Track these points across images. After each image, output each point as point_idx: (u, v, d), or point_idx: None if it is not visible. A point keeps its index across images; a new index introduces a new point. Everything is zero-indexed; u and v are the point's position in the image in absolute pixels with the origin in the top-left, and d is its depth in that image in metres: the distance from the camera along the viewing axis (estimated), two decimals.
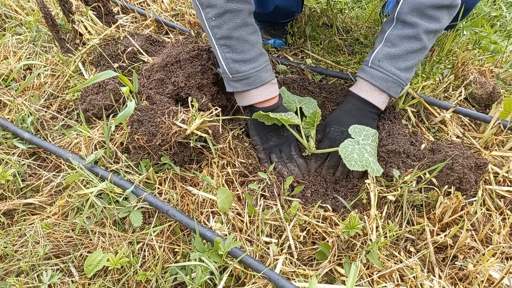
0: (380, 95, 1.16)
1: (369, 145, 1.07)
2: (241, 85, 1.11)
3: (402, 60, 1.12)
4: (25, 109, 1.27)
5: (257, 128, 1.20)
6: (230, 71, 1.10)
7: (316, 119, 1.11)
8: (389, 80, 1.13)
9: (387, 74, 1.12)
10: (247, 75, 1.09)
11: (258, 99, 1.13)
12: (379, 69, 1.13)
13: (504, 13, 2.10)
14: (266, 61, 1.14)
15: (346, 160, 1.01)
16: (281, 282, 0.82)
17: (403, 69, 1.12)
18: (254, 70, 1.09)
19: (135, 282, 0.90)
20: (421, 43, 1.10)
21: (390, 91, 1.14)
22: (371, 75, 1.15)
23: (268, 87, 1.14)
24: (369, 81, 1.15)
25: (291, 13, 1.58)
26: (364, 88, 1.17)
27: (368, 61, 1.17)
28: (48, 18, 1.41)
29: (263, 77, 1.11)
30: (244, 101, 1.16)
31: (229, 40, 1.06)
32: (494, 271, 0.92)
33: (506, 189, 1.12)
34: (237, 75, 1.10)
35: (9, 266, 0.92)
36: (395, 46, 1.11)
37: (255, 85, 1.11)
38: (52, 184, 1.09)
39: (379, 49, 1.14)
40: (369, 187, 1.02)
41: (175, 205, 1.02)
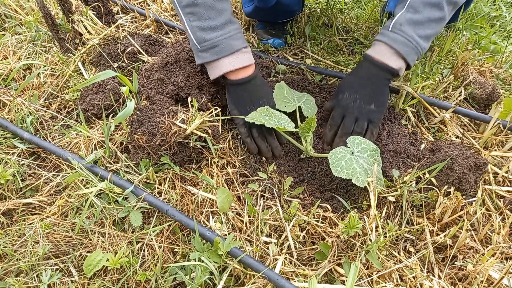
0: (398, 60, 1.13)
1: (363, 158, 1.06)
2: (209, 54, 1.07)
3: (423, 27, 1.10)
4: (24, 109, 1.27)
5: (235, 101, 1.15)
6: (197, 40, 1.06)
7: (312, 126, 1.09)
8: (409, 45, 1.10)
9: (408, 38, 1.10)
10: (215, 43, 1.05)
11: (229, 68, 1.08)
12: (401, 33, 1.11)
13: (503, 13, 2.10)
14: (236, 29, 1.09)
15: (333, 166, 1.01)
16: (281, 282, 0.82)
17: (423, 36, 1.11)
18: (221, 38, 1.05)
19: (135, 282, 0.90)
20: (442, 12, 1.09)
21: (408, 58, 1.12)
22: (392, 38, 1.12)
23: (239, 55, 1.09)
24: (389, 45, 1.12)
25: (292, 11, 1.58)
26: (383, 51, 1.14)
27: (388, 26, 1.14)
28: (48, 18, 1.40)
29: (232, 44, 1.07)
30: (215, 71, 1.11)
31: (194, 7, 1.03)
32: (494, 271, 0.92)
33: (506, 189, 1.12)
34: (205, 43, 1.06)
35: (8, 266, 0.92)
36: (417, 13, 1.10)
37: (224, 53, 1.07)
38: (51, 184, 1.09)
39: (401, 14, 1.12)
40: (369, 187, 1.02)
41: (174, 205, 1.02)
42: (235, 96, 1.15)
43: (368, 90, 1.15)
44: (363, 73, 1.18)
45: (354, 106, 1.15)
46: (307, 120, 1.09)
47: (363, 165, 1.04)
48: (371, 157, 1.08)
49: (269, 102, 1.18)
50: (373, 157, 1.09)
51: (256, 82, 1.15)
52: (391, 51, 1.13)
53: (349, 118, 1.16)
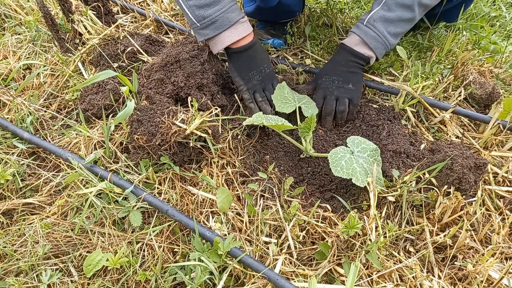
0: (368, 52, 1.25)
1: (363, 158, 1.07)
2: (210, 30, 1.13)
3: (393, 25, 1.22)
4: (24, 108, 1.27)
5: (238, 68, 1.22)
6: (196, 19, 1.12)
7: (312, 125, 1.10)
8: (379, 40, 1.23)
9: (378, 34, 1.22)
10: (213, 18, 1.12)
11: (230, 41, 1.16)
12: (373, 28, 1.22)
13: (503, 13, 2.10)
14: (231, 1, 1.14)
15: (333, 166, 1.01)
16: (281, 282, 0.82)
17: (392, 33, 1.23)
18: (219, 13, 1.11)
19: (135, 282, 0.90)
20: (413, 13, 1.21)
21: (376, 51, 1.25)
22: (364, 32, 1.24)
23: (238, 26, 1.16)
24: (361, 37, 1.24)
25: (292, 12, 1.58)
26: (356, 42, 1.26)
27: (363, 20, 1.25)
28: (47, 18, 1.40)
29: (230, 17, 1.13)
30: (218, 46, 1.18)
31: None
32: (494, 271, 0.92)
33: (506, 189, 1.12)
34: (204, 21, 1.12)
35: (8, 266, 0.92)
36: (391, 11, 1.21)
37: (223, 28, 1.13)
38: (51, 184, 1.09)
39: (376, 10, 1.23)
40: (368, 187, 1.02)
41: (174, 205, 1.02)
42: (237, 63, 1.22)
43: (344, 72, 1.27)
44: (339, 58, 1.30)
45: (333, 86, 1.27)
46: (306, 120, 1.09)
47: (363, 165, 1.04)
48: (371, 157, 1.08)
49: (269, 67, 1.27)
50: (373, 157, 1.09)
51: (256, 48, 1.22)
52: (362, 43, 1.25)
53: (330, 97, 1.28)
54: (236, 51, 1.19)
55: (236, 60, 1.21)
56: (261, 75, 1.24)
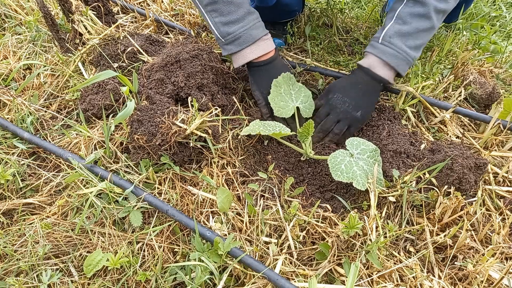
0: (390, 71, 1.18)
1: (363, 160, 1.06)
2: (234, 46, 1.17)
3: (412, 38, 1.14)
4: (24, 109, 1.27)
5: (257, 82, 1.23)
6: (221, 35, 1.16)
7: (311, 130, 1.09)
8: (399, 57, 1.15)
9: (397, 51, 1.14)
10: (237, 35, 1.14)
11: (252, 57, 1.18)
12: (390, 45, 1.15)
13: (504, 13, 2.10)
14: (255, 19, 1.17)
15: (333, 170, 1.01)
16: (281, 282, 0.82)
17: (412, 47, 1.15)
18: (243, 29, 1.14)
19: (135, 282, 0.90)
20: (431, 22, 1.12)
21: (399, 68, 1.16)
22: (381, 51, 1.17)
23: (261, 43, 1.18)
24: (379, 57, 1.17)
25: (292, 11, 1.58)
26: (374, 63, 1.19)
27: (378, 38, 1.19)
28: (48, 18, 1.40)
29: (253, 34, 1.16)
30: (240, 60, 1.20)
31: (215, 4, 1.12)
32: (494, 271, 0.92)
33: (506, 189, 1.12)
34: (228, 37, 1.15)
35: (8, 266, 0.92)
36: (406, 24, 1.14)
37: (246, 44, 1.16)
38: (51, 184, 1.09)
39: (390, 26, 1.16)
40: (369, 187, 1.02)
41: (174, 205, 1.02)
42: (257, 77, 1.23)
43: (358, 96, 1.20)
44: (355, 79, 1.23)
45: (341, 108, 1.20)
46: (305, 125, 1.08)
47: (363, 167, 1.04)
48: (371, 158, 1.08)
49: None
50: (373, 157, 1.08)
51: (276, 63, 1.23)
52: (382, 63, 1.18)
53: (332, 117, 1.21)
54: (256, 65, 1.21)
55: (256, 74, 1.23)
56: None
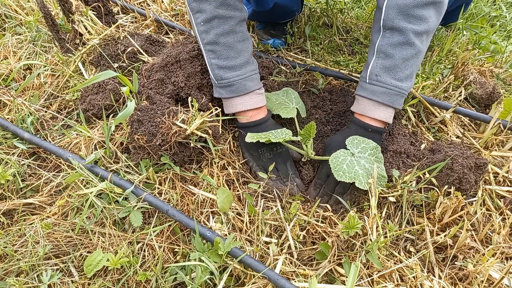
0: (386, 110, 1.10)
1: (364, 158, 1.05)
2: (225, 91, 1.12)
3: (400, 69, 1.05)
4: (25, 109, 1.27)
5: (246, 145, 1.15)
6: (215, 77, 1.11)
7: (312, 132, 1.08)
8: (391, 93, 1.07)
9: (388, 88, 1.06)
10: (231, 82, 1.10)
11: (242, 108, 1.12)
12: (379, 84, 1.07)
13: (504, 13, 2.10)
14: (252, 70, 1.13)
15: (335, 171, 1.00)
16: (281, 282, 0.82)
17: (403, 78, 1.06)
18: (238, 78, 1.09)
19: (135, 282, 0.90)
20: (415, 47, 1.03)
21: (395, 104, 1.08)
22: (371, 92, 1.09)
23: (253, 96, 1.13)
24: (371, 99, 1.09)
25: (291, 12, 1.58)
26: (367, 107, 1.11)
27: (365, 77, 1.11)
28: (48, 18, 1.40)
29: (247, 85, 1.11)
30: (229, 108, 1.15)
31: (215, 45, 1.07)
32: (494, 271, 0.92)
33: (506, 189, 1.12)
34: (222, 81, 1.10)
35: (9, 266, 0.92)
36: (389, 57, 1.05)
37: (238, 93, 1.11)
38: (52, 184, 1.09)
39: (373, 62, 1.09)
40: (369, 188, 1.02)
41: (175, 205, 1.02)
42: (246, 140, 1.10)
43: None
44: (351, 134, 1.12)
45: None
46: (306, 127, 1.08)
47: (365, 166, 1.03)
48: (372, 156, 1.07)
49: (282, 147, 1.15)
50: (374, 155, 1.08)
51: (268, 124, 1.15)
52: (376, 104, 1.10)
53: (334, 179, 1.07)
54: (245, 126, 1.14)
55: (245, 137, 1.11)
56: (271, 153, 1.14)
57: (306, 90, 1.43)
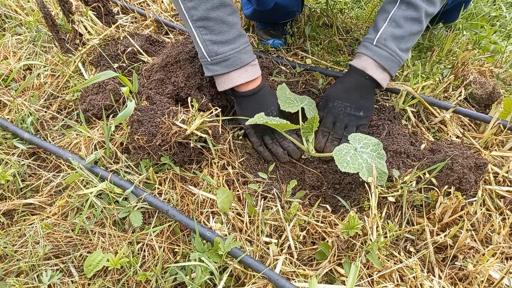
0: (383, 73, 1.19)
1: (366, 153, 1.06)
2: (221, 67, 1.10)
3: (405, 41, 1.16)
4: (25, 109, 1.27)
5: (244, 111, 1.19)
6: (208, 53, 1.09)
7: (315, 125, 1.11)
8: (393, 60, 1.17)
9: (391, 54, 1.16)
10: (226, 56, 1.09)
11: (239, 81, 1.13)
12: (385, 48, 1.16)
13: (504, 13, 2.10)
14: (245, 42, 1.13)
15: (339, 162, 1.01)
16: (281, 282, 0.82)
17: (404, 50, 1.18)
18: (233, 52, 1.09)
19: (135, 282, 0.90)
20: (421, 25, 1.16)
21: (392, 71, 1.19)
22: (377, 54, 1.17)
23: (249, 68, 1.14)
24: (374, 60, 1.17)
25: (291, 12, 1.58)
26: (369, 65, 1.19)
27: (372, 39, 1.19)
28: (48, 18, 1.41)
29: (242, 58, 1.11)
30: (225, 84, 1.14)
31: (206, 21, 1.05)
32: (494, 271, 0.92)
33: (506, 189, 1.12)
34: (216, 57, 1.09)
35: (9, 266, 0.92)
36: (400, 27, 1.15)
37: (235, 67, 1.10)
38: (52, 184, 1.09)
39: (384, 28, 1.17)
40: (368, 187, 1.02)
41: (175, 205, 1.02)
42: (244, 106, 1.19)
43: (357, 98, 1.21)
44: (351, 83, 1.23)
45: (345, 114, 1.22)
46: (309, 120, 1.09)
47: (367, 160, 1.04)
48: (374, 152, 1.08)
49: (276, 111, 1.21)
50: (376, 151, 1.08)
51: (264, 92, 1.19)
52: (376, 65, 1.18)
53: (340, 125, 1.22)
54: (243, 95, 1.17)
55: (243, 103, 1.19)
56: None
57: (306, 90, 1.43)
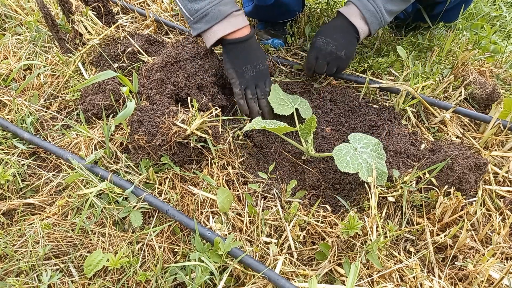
0: (364, 25, 1.26)
1: (366, 153, 1.06)
2: (203, 23, 1.14)
3: (391, 3, 1.24)
4: (25, 109, 1.27)
5: (232, 60, 1.20)
6: (189, 12, 1.14)
7: (313, 126, 1.10)
8: (376, 16, 1.24)
9: (377, 10, 1.23)
10: (205, 11, 1.12)
11: (222, 33, 1.15)
12: (373, 3, 1.23)
13: (504, 13, 2.10)
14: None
15: (338, 162, 1.00)
16: (281, 282, 0.82)
17: (389, 11, 1.25)
18: (210, 5, 1.12)
19: (135, 282, 0.90)
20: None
21: (372, 26, 1.26)
22: (364, 5, 1.24)
23: (231, 19, 1.15)
24: (360, 10, 1.24)
25: (292, 11, 1.58)
26: (354, 14, 1.26)
27: None
28: (48, 18, 1.40)
29: (222, 10, 1.13)
30: (211, 38, 1.17)
31: None
32: (494, 271, 0.92)
33: (506, 189, 1.12)
34: (196, 14, 1.13)
35: (9, 266, 0.92)
36: None
37: (215, 20, 1.13)
38: (52, 184, 1.09)
39: None
40: (368, 187, 1.02)
41: (175, 205, 1.02)
42: (232, 55, 1.20)
43: (340, 38, 1.28)
44: (337, 24, 1.31)
45: (327, 50, 1.29)
46: (307, 121, 1.09)
47: (367, 160, 1.03)
48: (373, 151, 1.08)
49: (263, 65, 1.25)
50: (375, 151, 1.08)
51: (251, 42, 1.21)
52: (360, 16, 1.26)
53: (321, 61, 1.30)
54: (231, 42, 1.18)
55: (231, 52, 1.20)
56: (254, 70, 1.22)
57: (306, 90, 1.43)
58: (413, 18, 1.67)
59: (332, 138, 1.27)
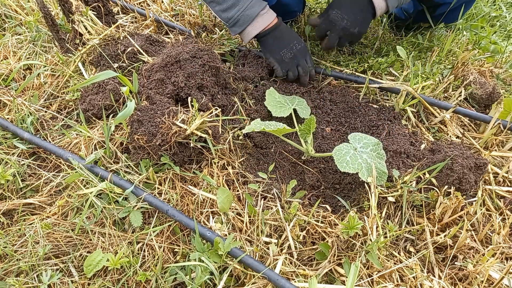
0: (382, 1, 1.25)
1: (366, 153, 1.06)
2: (237, 27, 1.31)
3: None
4: (25, 109, 1.27)
5: (269, 49, 1.35)
6: (224, 20, 1.31)
7: (312, 126, 1.11)
8: None
9: None
10: (236, 18, 1.28)
11: (255, 32, 1.31)
12: None
13: (504, 13, 2.10)
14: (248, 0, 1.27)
15: (338, 162, 1.01)
16: (281, 282, 0.82)
17: None
18: (239, 13, 1.27)
19: (135, 282, 0.90)
20: None
21: (389, 2, 1.25)
22: None
23: (259, 19, 1.30)
24: None
25: (292, 12, 1.59)
26: None
27: None
28: (48, 18, 1.40)
29: (249, 15, 1.28)
30: (246, 38, 1.34)
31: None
32: (494, 271, 0.92)
33: (506, 189, 1.12)
34: (230, 21, 1.29)
35: (8, 266, 0.92)
36: None
37: (246, 24, 1.29)
38: (51, 184, 1.09)
39: None
40: (368, 187, 1.02)
41: (175, 205, 1.02)
42: (268, 45, 1.35)
43: (355, 13, 1.29)
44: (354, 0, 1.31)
45: (340, 26, 1.30)
46: (306, 121, 1.09)
47: (367, 160, 1.04)
48: (373, 151, 1.08)
49: (299, 43, 1.36)
50: (375, 151, 1.08)
51: (281, 28, 1.34)
52: None
53: (334, 35, 1.32)
54: (262, 35, 1.32)
55: (266, 43, 1.34)
56: (292, 52, 1.34)
57: (306, 90, 1.43)
58: (414, 19, 1.68)
59: (332, 138, 1.27)
